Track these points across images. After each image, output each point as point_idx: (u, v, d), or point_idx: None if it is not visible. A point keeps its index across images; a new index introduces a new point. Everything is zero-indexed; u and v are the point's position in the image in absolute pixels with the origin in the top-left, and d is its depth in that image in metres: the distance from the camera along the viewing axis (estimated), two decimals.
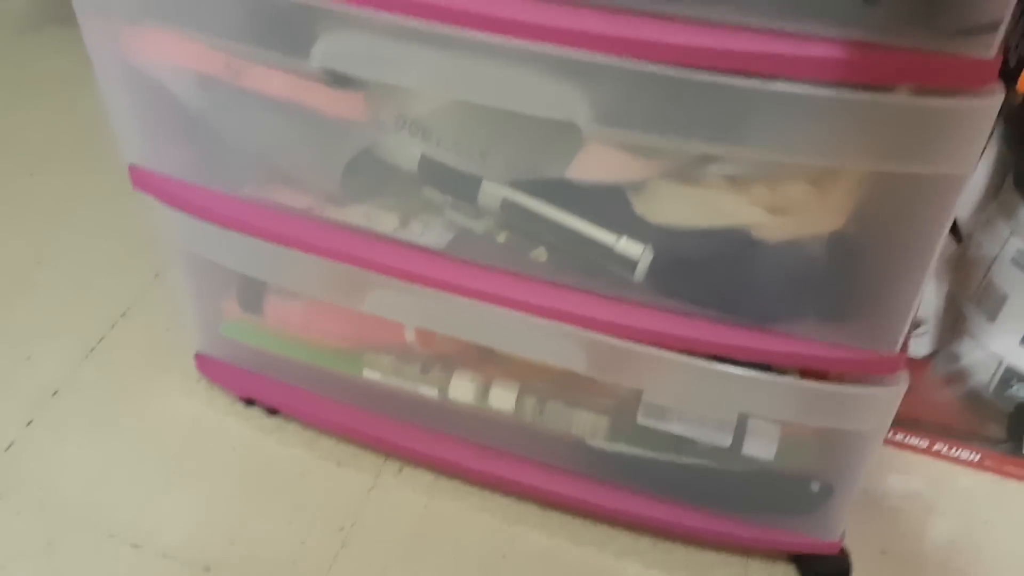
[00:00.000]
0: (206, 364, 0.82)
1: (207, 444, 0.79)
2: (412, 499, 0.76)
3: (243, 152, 0.67)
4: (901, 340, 0.56)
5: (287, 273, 0.68)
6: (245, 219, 0.66)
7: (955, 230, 0.74)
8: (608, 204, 0.57)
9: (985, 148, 0.71)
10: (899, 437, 0.80)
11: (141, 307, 0.91)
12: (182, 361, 0.83)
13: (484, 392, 0.71)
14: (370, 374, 0.74)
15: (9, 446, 0.78)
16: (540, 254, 0.61)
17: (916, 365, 0.81)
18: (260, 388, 0.80)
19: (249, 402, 0.82)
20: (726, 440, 0.65)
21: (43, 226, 1.00)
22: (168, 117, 0.67)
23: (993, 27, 0.42)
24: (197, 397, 0.83)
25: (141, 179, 0.69)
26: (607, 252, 0.58)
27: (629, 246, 0.58)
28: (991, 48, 0.42)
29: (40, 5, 1.36)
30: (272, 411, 0.81)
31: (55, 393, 0.83)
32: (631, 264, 0.58)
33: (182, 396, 0.83)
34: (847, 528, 0.68)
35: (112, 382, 0.84)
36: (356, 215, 0.65)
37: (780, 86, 0.44)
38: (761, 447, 0.65)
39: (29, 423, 0.80)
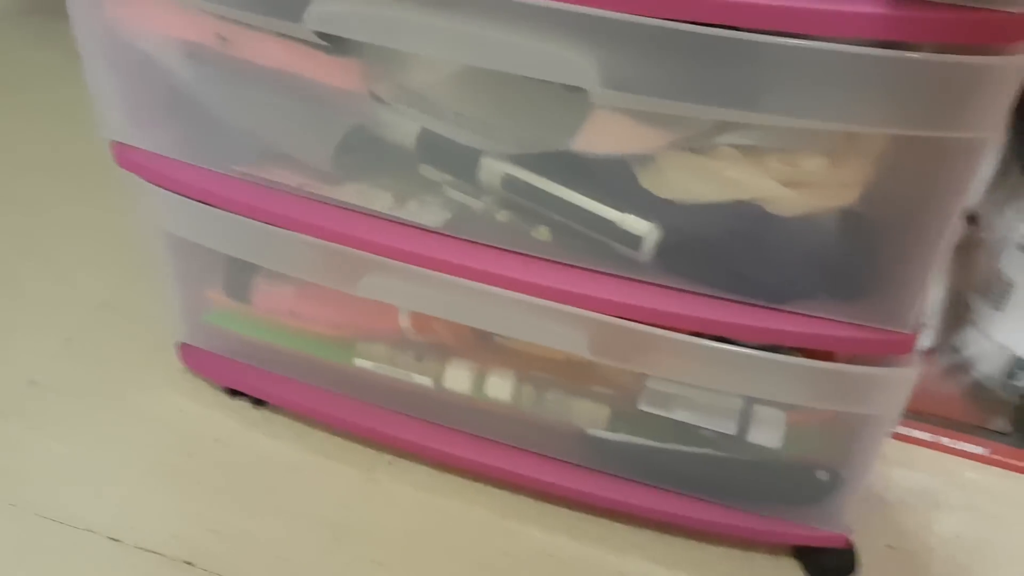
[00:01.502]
0: (190, 354, 0.79)
1: (191, 436, 0.77)
2: (406, 493, 0.73)
3: (232, 128, 0.65)
4: (914, 320, 0.54)
5: (278, 255, 0.66)
6: (234, 198, 0.64)
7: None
8: (614, 179, 0.56)
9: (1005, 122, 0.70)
10: (903, 430, 0.78)
11: (121, 299, 0.88)
12: (164, 352, 0.81)
13: (480, 381, 0.69)
14: (362, 363, 0.72)
15: None
16: (542, 233, 0.59)
17: (922, 358, 0.79)
18: (246, 379, 0.78)
19: (234, 393, 0.79)
20: (731, 427, 0.64)
21: (23, 219, 0.98)
22: (154, 92, 0.65)
23: None
24: (180, 389, 0.80)
25: (125, 157, 0.67)
26: (612, 229, 0.56)
27: (635, 223, 0.56)
28: (1019, 2, 0.41)
29: None
30: (259, 403, 0.79)
31: (32, 383, 0.80)
32: (637, 242, 0.56)
33: (164, 388, 0.80)
34: (854, 522, 0.67)
35: (91, 374, 0.81)
36: (350, 193, 0.63)
37: (798, 43, 0.43)
38: (767, 435, 0.64)
39: (4, 416, 0.77)
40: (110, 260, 0.92)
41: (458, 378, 0.70)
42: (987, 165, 0.73)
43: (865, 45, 0.42)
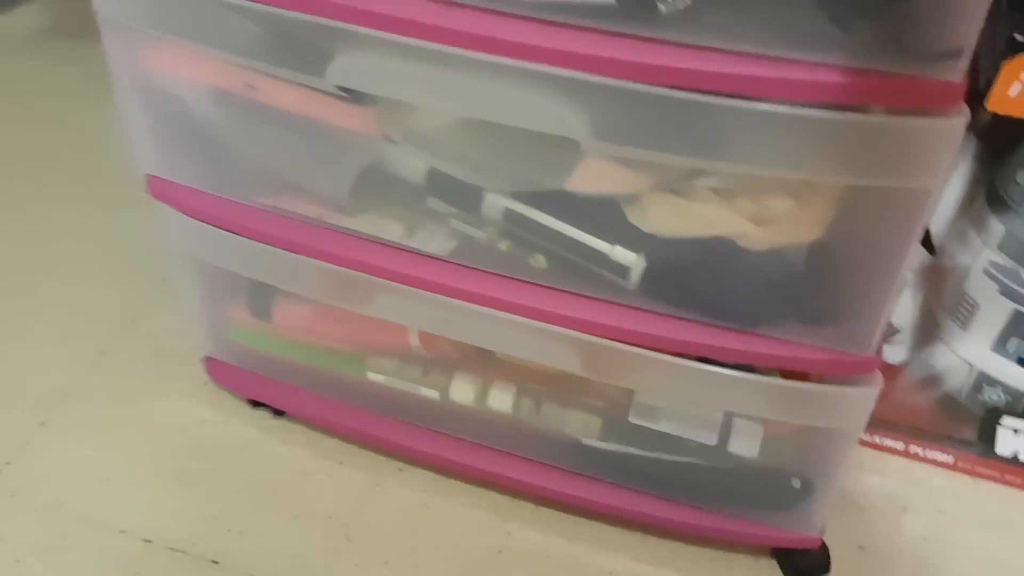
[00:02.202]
0: (214, 368, 0.85)
1: (213, 445, 0.82)
2: (412, 497, 0.79)
3: (256, 164, 0.71)
4: (875, 343, 0.59)
5: (297, 279, 0.71)
6: (257, 227, 0.69)
7: (928, 243, 0.78)
8: (604, 215, 0.61)
9: (957, 165, 0.75)
10: (876, 439, 0.84)
11: (148, 315, 0.94)
12: (189, 366, 0.86)
13: (483, 394, 0.75)
14: (374, 376, 0.77)
15: (24, 446, 0.81)
16: (539, 261, 0.65)
17: (892, 371, 0.85)
18: (267, 391, 0.83)
19: (255, 404, 0.85)
20: (712, 438, 0.69)
21: (50, 237, 1.03)
22: (184, 130, 0.71)
23: (958, 53, 0.46)
24: (203, 400, 0.86)
25: (158, 189, 0.72)
26: (603, 259, 0.62)
27: (623, 254, 0.61)
28: (957, 72, 0.46)
29: (50, 19, 1.40)
30: (278, 413, 0.84)
31: (66, 396, 0.86)
32: (625, 271, 0.61)
33: (189, 399, 0.86)
34: (827, 524, 0.72)
35: (121, 385, 0.87)
36: (364, 224, 0.68)
37: (762, 106, 0.48)
38: (745, 445, 0.69)
39: (42, 423, 0.83)
40: (136, 276, 0.97)
41: (462, 391, 0.75)
42: (952, 194, 0.78)
43: (820, 108, 0.48)
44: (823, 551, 0.74)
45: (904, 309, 0.85)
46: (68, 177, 1.12)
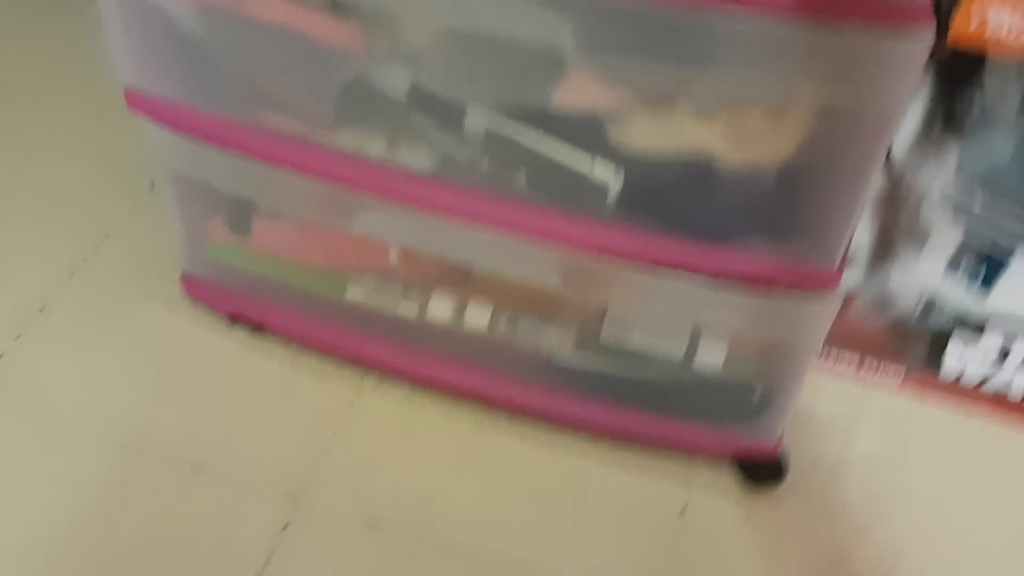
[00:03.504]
0: (191, 284, 0.86)
1: (194, 358, 0.84)
2: (390, 410, 0.81)
3: (239, 77, 0.71)
4: (839, 259, 0.63)
5: (279, 194, 0.72)
6: (239, 141, 0.70)
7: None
8: (585, 133, 0.63)
9: (918, 94, 0.78)
10: (831, 360, 0.88)
11: (124, 230, 0.94)
12: (166, 281, 0.87)
13: (461, 311, 0.77)
14: (353, 294, 0.79)
15: (0, 357, 0.82)
16: (520, 178, 0.67)
17: (846, 296, 0.89)
18: (244, 307, 0.84)
19: (234, 320, 0.86)
20: (680, 351, 0.72)
21: (20, 153, 1.02)
22: (165, 42, 0.70)
23: None
24: (182, 315, 0.87)
25: (136, 101, 0.72)
26: (582, 177, 0.64)
27: (602, 171, 0.64)
28: None
29: None
30: (256, 328, 0.86)
31: (42, 310, 0.86)
32: (604, 187, 0.64)
33: (167, 314, 0.87)
34: (784, 435, 0.76)
35: (98, 300, 0.88)
36: (346, 139, 0.69)
37: (741, 19, 0.50)
38: (710, 359, 0.73)
39: (18, 337, 0.84)
40: (110, 192, 0.97)
41: (440, 309, 0.77)
42: (911, 121, 0.81)
43: (792, 22, 0.50)
44: (779, 461, 0.78)
45: (859, 235, 0.89)
46: (40, 94, 1.10)
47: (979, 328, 0.84)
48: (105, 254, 0.92)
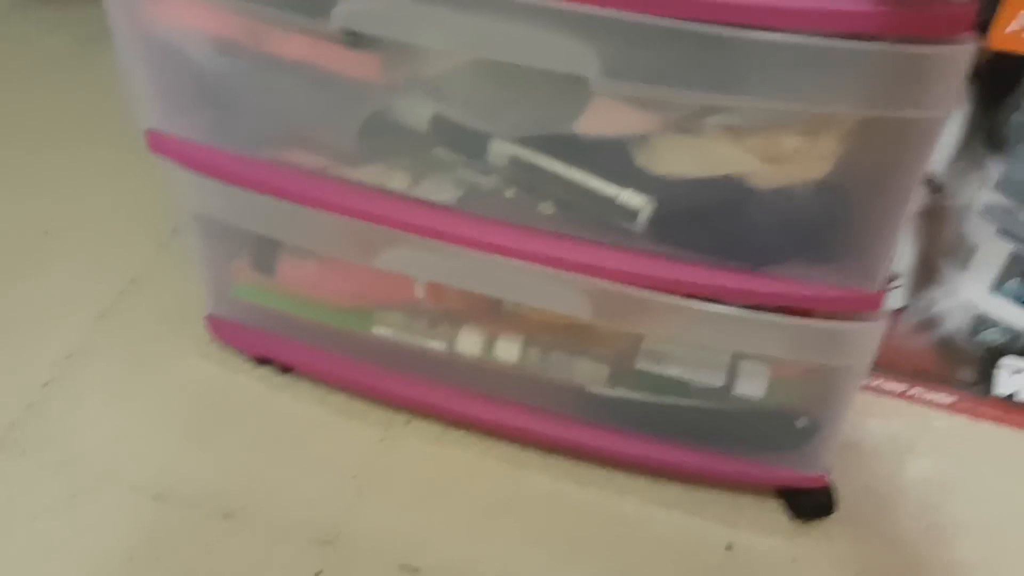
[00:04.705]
0: (218, 326, 0.85)
1: (222, 402, 0.83)
2: (421, 449, 0.79)
3: (260, 115, 0.70)
4: (882, 279, 0.60)
5: (302, 232, 0.71)
6: (262, 179, 0.69)
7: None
8: (611, 158, 0.61)
9: (959, 106, 0.76)
10: (878, 384, 0.85)
11: (150, 274, 0.94)
12: (193, 324, 0.86)
13: (490, 345, 0.75)
14: (380, 330, 0.77)
15: (29, 407, 0.81)
16: (546, 207, 0.65)
17: (892, 316, 0.86)
18: (272, 348, 0.83)
19: (261, 361, 0.85)
20: (719, 380, 0.70)
21: (48, 201, 1.03)
22: (186, 82, 0.70)
23: None
24: (210, 358, 0.86)
25: (159, 143, 0.72)
26: (611, 204, 0.62)
27: (631, 198, 0.62)
28: None
29: None
30: (284, 369, 0.84)
31: (69, 356, 0.86)
32: (633, 215, 0.62)
33: (195, 357, 0.86)
34: (832, 465, 0.73)
35: (125, 345, 0.87)
36: (369, 174, 0.68)
37: (776, 36, 0.48)
38: (752, 386, 0.70)
39: (46, 384, 0.83)
40: (135, 237, 0.97)
41: (469, 342, 0.76)
42: (951, 137, 0.79)
43: (831, 38, 0.48)
44: (828, 491, 0.75)
45: (902, 254, 0.86)
46: (61, 142, 1.11)
47: None
48: (132, 299, 0.91)
